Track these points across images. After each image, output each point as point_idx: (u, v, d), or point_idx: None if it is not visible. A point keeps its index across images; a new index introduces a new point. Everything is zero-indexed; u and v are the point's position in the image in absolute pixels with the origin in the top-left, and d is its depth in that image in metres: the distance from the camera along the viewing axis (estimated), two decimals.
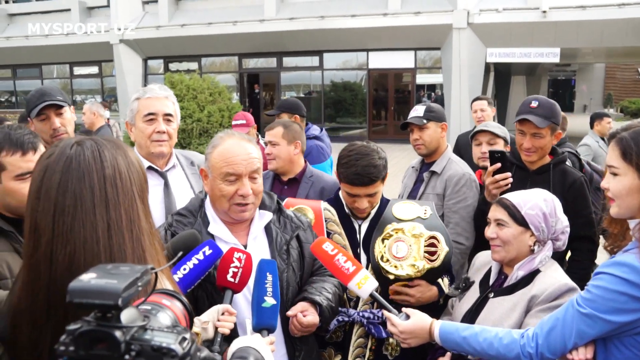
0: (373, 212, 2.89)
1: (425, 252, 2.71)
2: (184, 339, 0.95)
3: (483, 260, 2.77)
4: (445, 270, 2.78)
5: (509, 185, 3.17)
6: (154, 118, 3.01)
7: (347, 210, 2.91)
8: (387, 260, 2.70)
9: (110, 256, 1.36)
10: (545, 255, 2.46)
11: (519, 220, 2.43)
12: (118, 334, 0.91)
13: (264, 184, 3.49)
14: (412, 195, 3.88)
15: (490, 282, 2.59)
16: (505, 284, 2.51)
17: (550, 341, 2.01)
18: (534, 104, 3.34)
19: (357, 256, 2.83)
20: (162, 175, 3.08)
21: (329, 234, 2.84)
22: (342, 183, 2.79)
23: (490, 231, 2.52)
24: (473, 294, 2.65)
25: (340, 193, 2.95)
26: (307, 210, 2.91)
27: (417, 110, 3.90)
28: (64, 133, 3.34)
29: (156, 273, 1.05)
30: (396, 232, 2.75)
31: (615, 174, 1.98)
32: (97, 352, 0.92)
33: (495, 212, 2.52)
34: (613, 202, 2.01)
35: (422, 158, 3.98)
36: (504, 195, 2.58)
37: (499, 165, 3.21)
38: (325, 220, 2.89)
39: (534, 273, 2.44)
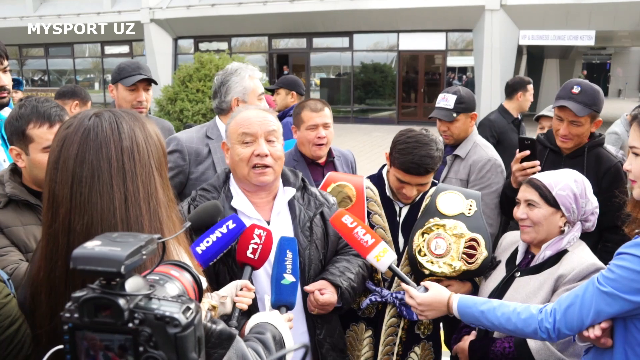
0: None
1: (464, 253, 2.66)
2: (188, 308, 0.94)
3: (510, 241, 2.77)
4: (482, 273, 2.73)
5: (536, 173, 3.10)
6: (261, 98, 3.42)
7: (388, 193, 2.87)
8: (425, 254, 2.68)
9: (127, 227, 1.37)
10: (573, 235, 2.45)
11: (550, 201, 2.42)
12: (122, 301, 0.90)
13: (297, 167, 3.54)
14: (434, 178, 3.79)
15: (517, 262, 2.59)
16: (532, 264, 2.51)
17: (567, 317, 1.99)
18: (576, 89, 3.18)
19: (396, 239, 2.82)
20: None
21: (369, 214, 2.83)
22: (395, 168, 2.72)
23: (520, 212, 2.50)
24: (499, 273, 2.65)
25: (385, 174, 2.91)
26: (349, 187, 2.88)
27: (448, 101, 3.72)
28: (144, 108, 3.67)
29: (164, 243, 1.05)
30: (437, 228, 2.71)
31: (637, 154, 1.95)
32: (101, 320, 0.91)
33: (526, 193, 2.49)
34: (635, 184, 1.97)
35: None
36: (535, 176, 2.56)
37: (527, 152, 3.14)
38: (367, 199, 2.86)
39: (562, 253, 2.44)
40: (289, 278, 2.18)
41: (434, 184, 2.92)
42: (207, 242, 2.15)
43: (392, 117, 23.67)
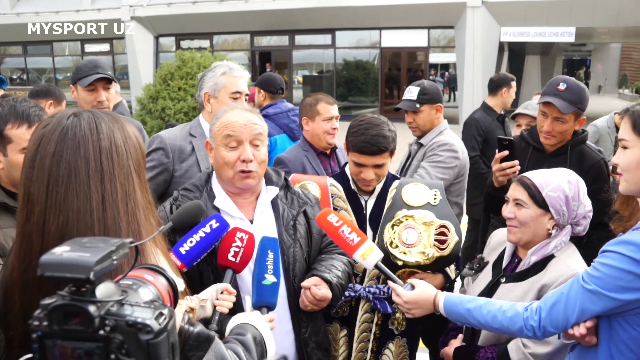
0: (379, 187, 2.88)
1: (435, 240, 2.70)
2: (161, 314, 0.92)
3: (498, 240, 2.72)
4: (454, 259, 2.78)
5: (516, 173, 3.11)
6: (238, 96, 3.33)
7: (353, 187, 2.89)
8: (396, 246, 2.70)
9: (104, 229, 1.35)
10: (561, 240, 2.38)
11: (539, 202, 2.35)
12: (92, 308, 0.88)
13: (309, 159, 3.78)
14: (403, 170, 3.96)
15: (503, 265, 2.55)
16: (518, 269, 2.46)
17: (553, 315, 1.99)
18: (562, 86, 3.18)
19: (364, 232, 2.80)
20: None
21: (335, 210, 2.82)
22: (351, 152, 2.78)
23: (507, 210, 2.45)
24: (486, 276, 2.62)
25: (347, 168, 2.94)
26: (313, 186, 2.89)
27: (411, 92, 3.90)
28: (105, 107, 3.55)
29: (137, 247, 1.03)
30: (406, 219, 2.73)
31: (625, 147, 1.96)
32: (71, 327, 0.89)
33: (515, 192, 2.43)
34: (622, 177, 1.98)
35: None
36: (527, 174, 2.48)
37: (506, 152, 3.14)
38: (332, 196, 2.88)
39: (548, 259, 2.38)
40: (270, 278, 2.16)
41: (395, 178, 2.96)
42: (191, 242, 2.13)
43: (374, 114, 23.70)
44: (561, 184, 2.35)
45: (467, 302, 2.21)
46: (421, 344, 3.12)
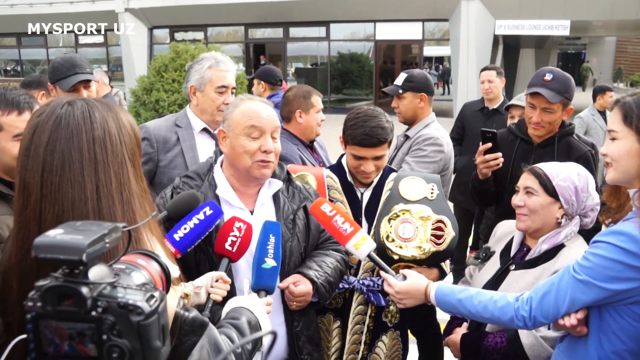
0: (375, 180, 2.89)
1: (431, 235, 2.71)
2: (152, 296, 0.94)
3: (504, 230, 2.75)
4: (450, 254, 2.79)
5: (500, 165, 3.12)
6: (224, 90, 3.28)
7: (349, 179, 2.90)
8: (393, 240, 2.71)
9: (99, 217, 1.36)
10: (571, 230, 2.43)
11: (550, 190, 2.41)
12: (85, 290, 0.90)
13: (302, 152, 3.74)
14: (388, 161, 3.93)
15: (512, 254, 2.57)
16: (528, 257, 2.49)
17: (543, 305, 2.01)
18: (548, 76, 3.21)
19: (359, 224, 2.81)
20: (214, 136, 3.30)
21: (331, 202, 2.83)
22: (350, 145, 2.79)
23: (518, 199, 2.50)
24: (493, 264, 2.63)
25: (344, 160, 2.95)
26: (309, 177, 2.90)
27: (399, 78, 3.97)
28: None
29: (130, 232, 1.04)
30: (403, 213, 2.75)
31: (614, 139, 1.97)
32: (64, 308, 0.91)
33: (526, 180, 2.49)
34: (610, 168, 1.99)
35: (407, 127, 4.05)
36: (538, 165, 2.54)
37: (489, 145, 3.16)
38: (328, 188, 2.88)
39: (558, 247, 2.43)
40: (270, 262, 2.16)
41: (392, 171, 2.96)
42: (185, 228, 2.15)
43: (369, 106, 23.64)
44: (571, 175, 2.42)
45: (458, 292, 2.22)
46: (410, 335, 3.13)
